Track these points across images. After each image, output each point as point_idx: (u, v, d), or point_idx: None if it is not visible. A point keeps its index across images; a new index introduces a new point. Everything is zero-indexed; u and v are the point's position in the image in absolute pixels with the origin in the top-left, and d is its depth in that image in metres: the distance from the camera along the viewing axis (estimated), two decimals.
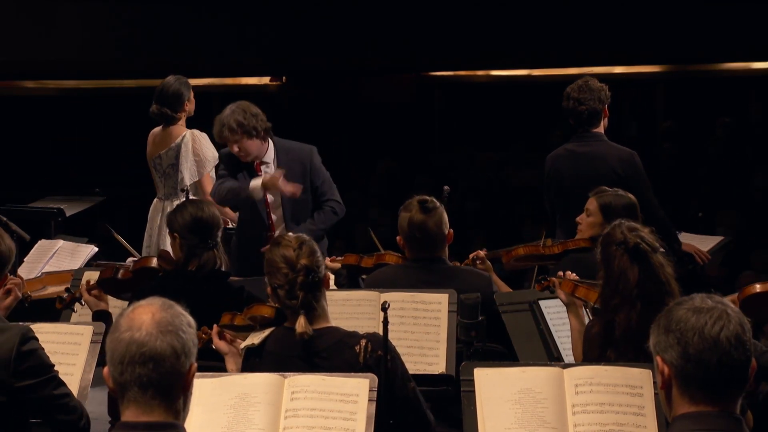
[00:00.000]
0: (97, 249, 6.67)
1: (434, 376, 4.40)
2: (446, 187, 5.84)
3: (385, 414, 3.61)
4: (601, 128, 6.13)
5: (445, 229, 4.97)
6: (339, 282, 5.54)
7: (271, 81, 13.19)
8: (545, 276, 4.80)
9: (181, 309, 2.61)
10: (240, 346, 4.03)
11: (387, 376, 3.63)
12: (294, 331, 3.77)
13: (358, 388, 3.53)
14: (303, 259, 3.80)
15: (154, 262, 5.07)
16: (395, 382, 3.73)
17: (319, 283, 3.84)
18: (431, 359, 4.50)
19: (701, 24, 11.39)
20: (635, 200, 5.21)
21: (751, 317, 2.78)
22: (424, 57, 12.30)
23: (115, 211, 8.17)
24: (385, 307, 3.70)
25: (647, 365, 3.49)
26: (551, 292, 4.67)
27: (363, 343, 3.77)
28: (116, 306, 5.04)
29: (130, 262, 5.50)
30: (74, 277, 5.63)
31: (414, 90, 13.06)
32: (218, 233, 4.85)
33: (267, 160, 6.40)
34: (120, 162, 11.72)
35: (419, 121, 12.95)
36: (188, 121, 7.06)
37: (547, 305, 4.78)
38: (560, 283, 4.56)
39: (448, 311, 4.56)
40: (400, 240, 5.03)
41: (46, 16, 11.82)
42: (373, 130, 12.61)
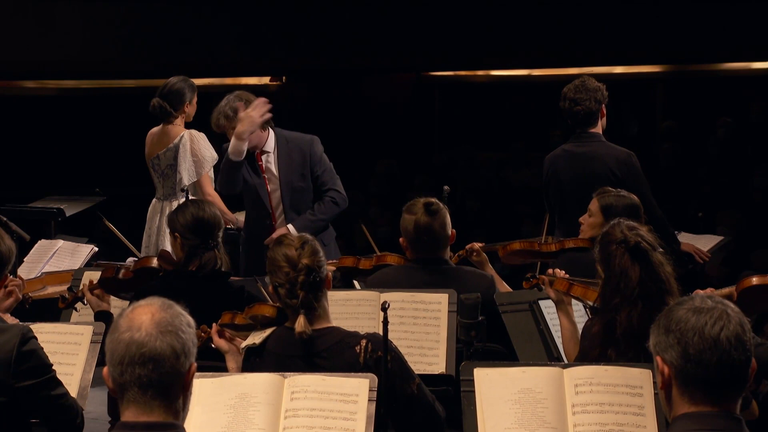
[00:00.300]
0: (97, 249, 6.68)
1: (434, 376, 4.40)
2: (446, 187, 5.84)
3: (387, 414, 3.60)
4: (599, 128, 6.11)
5: (449, 230, 5.00)
6: (333, 285, 5.51)
7: (271, 81, 13.19)
8: (534, 274, 4.80)
9: (180, 309, 2.61)
10: (241, 345, 4.03)
11: (387, 376, 3.63)
12: (295, 331, 3.77)
13: (358, 388, 3.53)
14: (305, 259, 3.80)
15: (155, 262, 5.07)
16: (396, 382, 3.73)
17: (321, 283, 3.84)
18: (431, 359, 4.50)
19: (701, 24, 11.39)
20: (638, 201, 5.18)
21: (749, 310, 2.78)
22: (424, 57, 12.30)
23: (115, 211, 8.15)
24: (385, 307, 3.69)
25: (647, 365, 3.49)
26: (539, 290, 4.67)
27: (363, 344, 3.76)
28: (117, 306, 5.04)
29: (130, 262, 5.50)
30: (74, 277, 5.64)
31: (414, 90, 13.05)
32: (219, 233, 4.86)
33: (267, 150, 6.46)
34: (120, 162, 11.71)
35: (419, 120, 12.94)
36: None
37: (547, 305, 4.77)
38: (552, 281, 4.56)
39: (448, 311, 4.56)
40: (403, 241, 5.04)
41: (46, 16, 11.82)
42: (373, 130, 12.60)
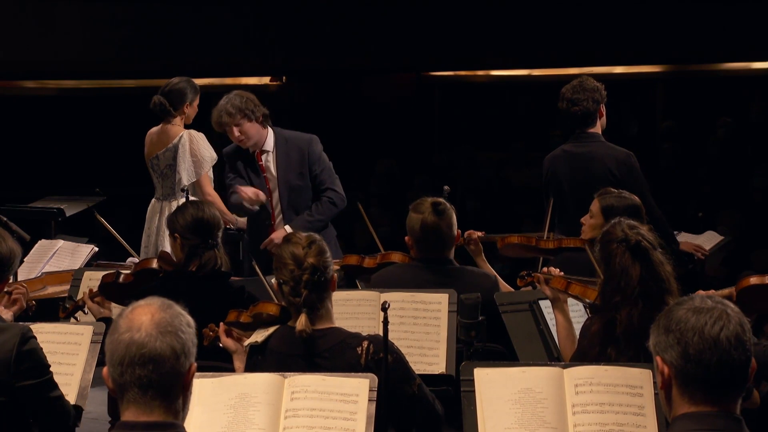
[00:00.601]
0: (97, 249, 6.68)
1: (434, 376, 4.40)
2: (446, 187, 5.85)
3: (387, 415, 3.60)
4: (598, 128, 6.09)
5: (455, 230, 5.01)
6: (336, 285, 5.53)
7: (271, 81, 13.19)
8: (529, 272, 4.80)
9: (180, 309, 2.60)
10: (244, 343, 4.03)
11: (388, 376, 3.63)
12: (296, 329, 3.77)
13: (358, 388, 3.53)
14: (311, 258, 3.81)
15: (155, 264, 5.08)
16: (397, 382, 3.73)
17: (326, 284, 3.84)
18: (431, 359, 4.50)
19: (701, 24, 11.39)
20: (639, 202, 5.16)
21: (748, 310, 2.78)
22: (424, 57, 12.30)
23: (115, 211, 8.14)
24: (385, 307, 3.70)
25: (647, 365, 3.49)
26: (533, 288, 4.67)
27: (365, 345, 3.77)
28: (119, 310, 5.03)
29: (130, 263, 5.50)
30: (74, 277, 5.63)
31: (414, 90, 13.05)
32: (219, 233, 4.86)
33: (267, 149, 6.54)
34: (120, 162, 11.71)
35: (419, 121, 12.94)
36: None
37: (547, 305, 4.77)
38: (547, 279, 4.57)
39: (448, 311, 4.57)
40: (408, 240, 5.05)
41: (46, 16, 11.81)
42: (373, 130, 12.60)
